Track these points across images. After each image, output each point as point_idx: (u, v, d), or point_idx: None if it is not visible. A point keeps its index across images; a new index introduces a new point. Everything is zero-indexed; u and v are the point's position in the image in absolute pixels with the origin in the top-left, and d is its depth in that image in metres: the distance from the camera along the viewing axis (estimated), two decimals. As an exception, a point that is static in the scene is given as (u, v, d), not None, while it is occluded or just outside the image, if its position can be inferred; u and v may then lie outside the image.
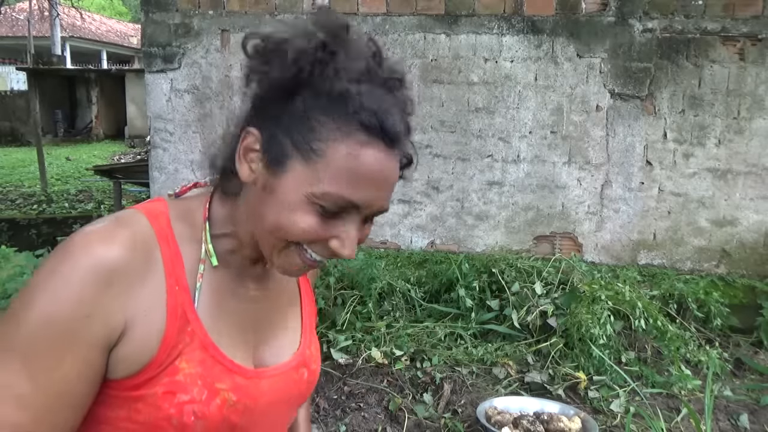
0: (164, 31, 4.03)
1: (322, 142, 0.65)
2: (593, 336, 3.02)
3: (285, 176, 0.67)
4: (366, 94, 0.66)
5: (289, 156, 0.67)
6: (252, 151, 0.70)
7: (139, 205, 0.75)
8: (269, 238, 0.71)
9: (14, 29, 20.16)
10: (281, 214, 0.68)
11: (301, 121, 0.66)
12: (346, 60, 0.68)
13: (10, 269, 2.95)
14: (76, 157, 13.03)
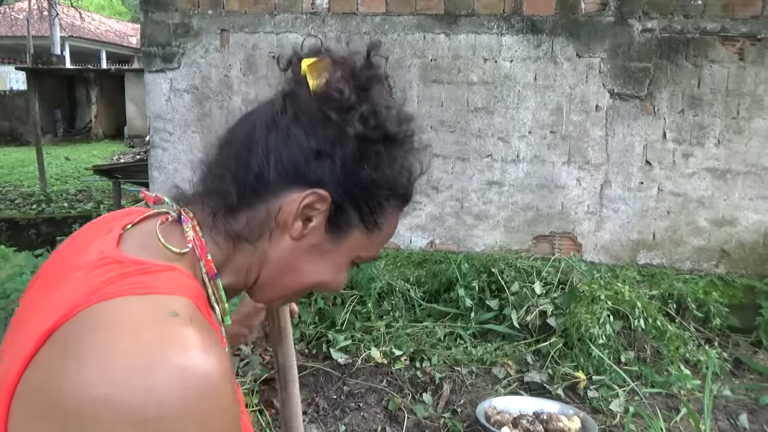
0: (164, 31, 4.03)
1: (385, 219, 0.71)
2: (592, 336, 3.02)
3: (343, 242, 0.70)
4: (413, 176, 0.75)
5: (353, 226, 0.69)
6: (313, 209, 0.66)
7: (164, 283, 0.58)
8: (297, 289, 0.72)
9: (13, 29, 20.14)
10: (328, 273, 0.71)
11: (372, 196, 0.69)
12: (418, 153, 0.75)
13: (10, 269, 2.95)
14: (75, 157, 13.02)
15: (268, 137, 0.67)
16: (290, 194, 0.65)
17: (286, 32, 3.96)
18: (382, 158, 0.68)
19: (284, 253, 0.68)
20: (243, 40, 4.00)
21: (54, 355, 0.52)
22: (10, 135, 16.28)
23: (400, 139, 0.71)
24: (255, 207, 0.66)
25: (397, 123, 0.71)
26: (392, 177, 0.70)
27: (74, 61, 20.77)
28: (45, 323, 0.54)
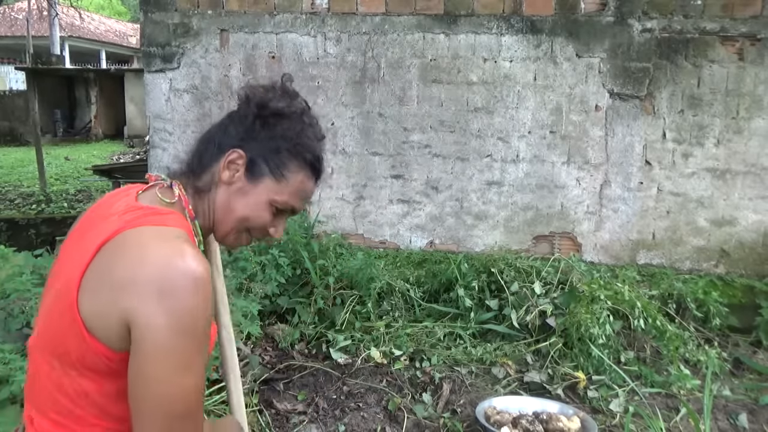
0: (163, 31, 4.03)
1: (288, 172, 1.06)
2: (592, 336, 3.02)
3: (258, 186, 1.05)
4: (316, 149, 1.10)
5: (264, 174, 1.05)
6: (235, 163, 1.04)
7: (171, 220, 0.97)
8: (233, 224, 1.06)
9: (13, 29, 20.12)
10: (250, 209, 1.05)
11: (278, 156, 1.06)
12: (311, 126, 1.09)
13: (9, 269, 2.94)
14: (75, 157, 13.02)
15: (216, 131, 1.10)
16: (223, 157, 1.04)
17: (286, 32, 3.96)
18: (276, 128, 1.06)
19: (222, 195, 1.05)
20: (243, 40, 4.00)
21: (107, 255, 0.89)
22: (9, 135, 16.28)
23: (286, 114, 1.06)
24: (207, 171, 1.05)
25: (287, 105, 1.07)
26: (288, 139, 1.06)
27: (74, 61, 20.76)
28: (95, 241, 0.90)
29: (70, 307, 0.88)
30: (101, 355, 0.88)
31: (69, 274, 0.90)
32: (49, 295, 0.97)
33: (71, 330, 0.88)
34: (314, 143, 1.09)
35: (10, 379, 2.15)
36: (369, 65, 3.96)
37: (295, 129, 1.06)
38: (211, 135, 1.09)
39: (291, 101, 1.08)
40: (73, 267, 0.90)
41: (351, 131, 4.02)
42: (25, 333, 2.59)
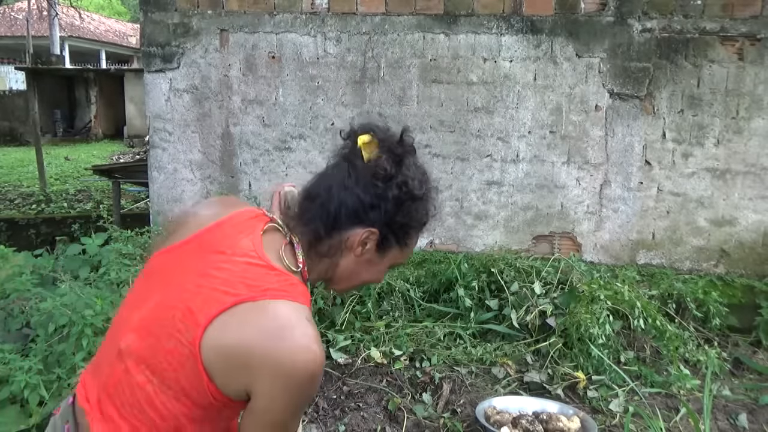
0: (163, 31, 4.03)
1: (410, 240, 1.15)
2: (592, 336, 3.02)
3: (385, 256, 1.14)
4: (430, 211, 1.14)
5: (392, 247, 1.13)
6: (368, 240, 1.09)
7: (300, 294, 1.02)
8: (356, 284, 1.19)
9: (13, 29, 20.11)
10: (375, 275, 1.17)
11: (404, 231, 1.12)
12: (433, 198, 1.14)
13: (9, 269, 2.94)
14: (74, 157, 13.02)
15: (340, 194, 1.07)
16: (354, 230, 1.07)
17: (286, 32, 3.96)
18: (410, 209, 1.09)
19: (350, 263, 1.12)
20: (242, 40, 4.00)
21: (236, 321, 0.93)
22: (9, 135, 16.28)
23: (422, 197, 1.10)
24: (333, 237, 1.08)
25: (420, 187, 1.09)
26: (417, 218, 1.12)
27: (74, 61, 20.75)
28: (225, 294, 0.95)
29: (191, 342, 0.93)
30: (210, 395, 0.96)
31: (191, 304, 0.96)
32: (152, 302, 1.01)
33: (188, 364, 0.94)
34: (433, 210, 1.16)
35: (10, 379, 2.15)
36: (369, 65, 3.96)
37: (424, 209, 1.12)
38: (334, 196, 1.07)
39: (424, 179, 1.11)
40: (197, 300, 0.96)
41: (351, 131, 4.01)
42: (24, 333, 2.59)
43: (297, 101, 4.01)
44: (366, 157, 1.07)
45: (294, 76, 4.00)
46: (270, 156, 4.10)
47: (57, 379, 2.21)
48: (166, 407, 0.97)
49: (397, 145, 1.08)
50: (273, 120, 4.06)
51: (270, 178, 4.12)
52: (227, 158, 4.13)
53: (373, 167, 1.06)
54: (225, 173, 4.14)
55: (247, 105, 4.06)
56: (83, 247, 3.21)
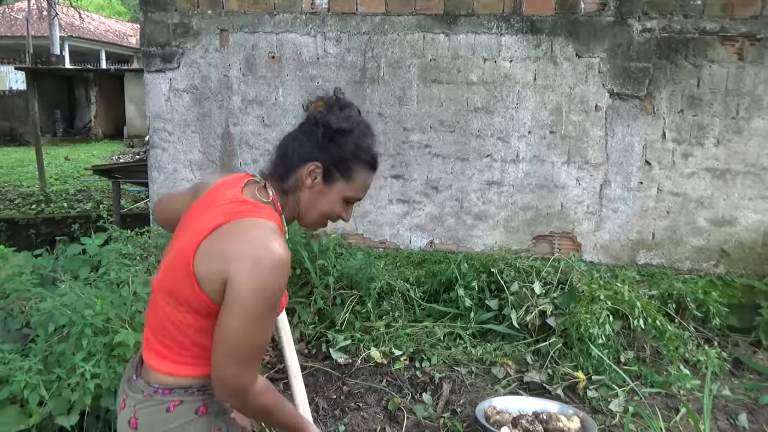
0: (163, 31, 4.03)
1: (355, 173, 1.36)
2: (592, 336, 3.03)
3: (333, 188, 1.36)
4: (372, 150, 1.38)
5: (337, 179, 1.35)
6: (314, 173, 1.34)
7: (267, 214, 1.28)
8: (316, 216, 1.39)
9: (13, 29, 20.10)
10: (329, 205, 1.37)
11: (346, 164, 1.35)
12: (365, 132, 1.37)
13: (9, 269, 2.94)
14: (74, 157, 13.01)
15: (291, 142, 1.39)
16: (305, 167, 1.34)
17: (286, 32, 3.96)
18: (339, 142, 1.33)
19: (306, 196, 1.36)
20: (242, 40, 4.00)
21: (219, 235, 1.22)
22: (9, 135, 16.27)
23: (346, 130, 1.33)
24: (291, 176, 1.35)
25: (341, 122, 1.32)
26: (350, 150, 1.34)
27: (73, 61, 20.75)
28: (211, 223, 1.24)
29: (186, 264, 1.22)
30: (203, 302, 1.22)
31: (189, 240, 1.25)
32: (172, 250, 1.33)
33: (186, 281, 1.22)
34: (370, 146, 1.37)
35: (10, 379, 2.15)
36: (369, 65, 3.96)
37: (354, 140, 1.34)
38: (288, 146, 1.38)
39: (348, 117, 1.34)
40: (193, 236, 1.25)
41: (351, 131, 4.01)
42: (24, 333, 2.59)
43: (297, 101, 4.01)
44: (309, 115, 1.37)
45: (294, 76, 4.00)
46: (270, 156, 4.09)
47: (57, 379, 2.20)
48: (180, 321, 1.26)
49: (331, 100, 1.36)
50: (273, 120, 4.06)
51: (270, 178, 4.11)
52: (227, 158, 4.13)
53: (309, 117, 1.36)
54: (225, 173, 4.13)
55: (247, 105, 4.06)
56: (83, 247, 3.21)
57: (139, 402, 1.30)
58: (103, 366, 2.22)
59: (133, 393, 1.32)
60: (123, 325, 2.36)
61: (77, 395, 2.16)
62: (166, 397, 1.28)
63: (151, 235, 3.60)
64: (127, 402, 1.33)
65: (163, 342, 1.29)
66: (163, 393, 1.28)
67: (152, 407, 1.29)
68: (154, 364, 1.31)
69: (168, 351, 1.29)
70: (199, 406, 1.30)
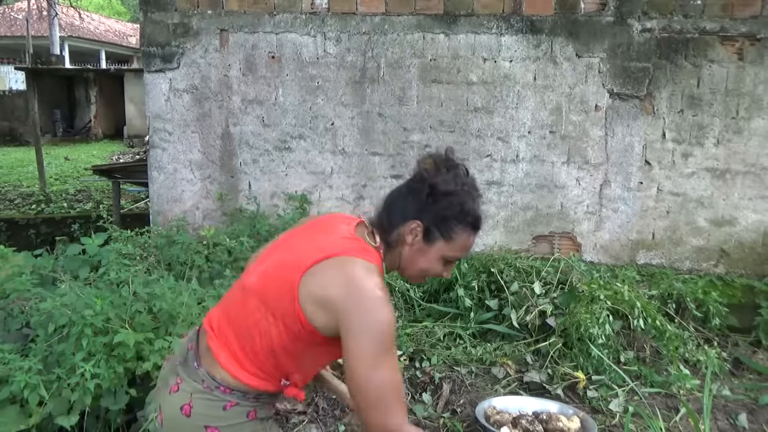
0: (163, 31, 4.03)
1: (455, 234, 1.39)
2: (592, 335, 3.02)
3: (432, 247, 1.40)
4: (476, 211, 1.40)
5: (437, 238, 1.39)
6: (415, 231, 1.38)
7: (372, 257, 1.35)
8: (416, 272, 1.45)
9: (13, 29, 20.09)
10: (428, 264, 1.42)
11: (448, 225, 1.38)
12: (470, 194, 1.39)
13: (9, 269, 2.94)
14: (74, 157, 13.01)
15: (397, 197, 1.44)
16: (406, 224, 1.39)
17: (286, 32, 3.96)
18: (443, 204, 1.37)
19: (407, 252, 1.42)
20: (242, 40, 4.00)
21: (330, 265, 1.29)
22: (9, 135, 16.27)
23: (452, 192, 1.36)
24: (395, 231, 1.41)
25: (448, 184, 1.36)
26: (453, 212, 1.37)
27: (73, 61, 20.74)
28: (324, 251, 1.31)
29: (292, 283, 1.29)
30: (298, 321, 1.28)
31: (297, 259, 1.32)
32: (273, 258, 1.41)
33: (288, 297, 1.29)
34: (474, 207, 1.40)
35: (10, 379, 2.15)
36: (369, 65, 3.96)
37: (459, 202, 1.37)
38: (394, 200, 1.44)
39: (455, 180, 1.38)
40: (302, 256, 1.33)
41: (351, 131, 4.02)
42: (24, 333, 2.59)
43: (297, 101, 4.01)
44: (418, 172, 1.42)
45: (294, 76, 4.00)
46: (270, 156, 4.10)
47: (57, 379, 2.20)
48: (266, 330, 1.32)
49: (440, 160, 1.40)
50: (273, 120, 4.06)
51: (270, 178, 4.12)
52: (227, 158, 4.13)
53: (417, 175, 1.40)
54: (225, 173, 4.14)
55: (247, 105, 4.06)
56: (83, 247, 3.21)
57: (197, 392, 1.35)
58: (103, 366, 2.22)
59: (192, 380, 1.36)
60: (123, 325, 2.36)
61: (77, 395, 2.16)
62: (226, 396, 1.34)
63: (151, 235, 3.60)
64: (181, 387, 1.37)
65: (244, 348, 1.35)
66: (223, 391, 1.34)
67: (210, 401, 1.34)
68: (225, 363, 1.35)
69: (244, 357, 1.35)
70: (250, 411, 1.37)
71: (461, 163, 1.42)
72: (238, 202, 4.13)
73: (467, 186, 1.39)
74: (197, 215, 4.16)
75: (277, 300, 1.31)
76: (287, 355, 1.33)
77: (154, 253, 3.38)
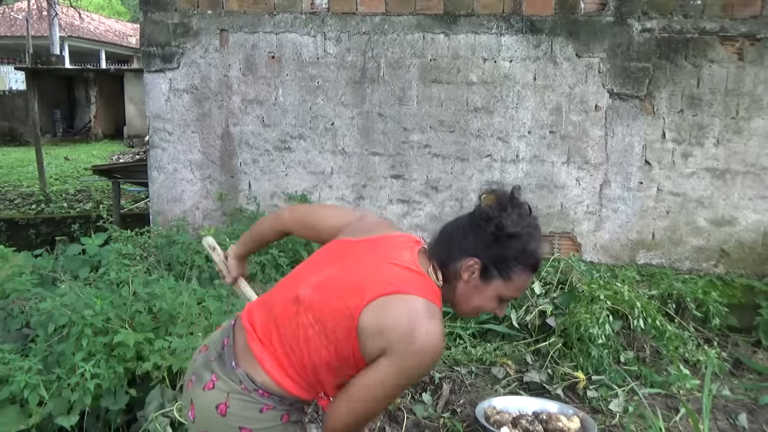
0: (163, 31, 4.03)
1: (514, 275, 1.36)
2: (592, 335, 3.02)
3: (489, 285, 1.37)
4: (537, 254, 1.38)
5: (495, 277, 1.36)
6: (472, 268, 1.36)
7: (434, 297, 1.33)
8: (470, 309, 1.42)
9: (13, 29, 20.09)
10: (483, 302, 1.40)
11: (507, 265, 1.35)
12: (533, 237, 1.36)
13: (9, 269, 2.94)
14: (74, 157, 13.01)
15: (456, 232, 1.41)
16: (464, 260, 1.36)
17: (286, 32, 3.96)
18: (505, 244, 1.34)
19: (462, 288, 1.39)
20: (242, 40, 4.00)
21: (396, 301, 1.27)
22: (9, 135, 16.27)
23: (516, 234, 1.33)
24: (452, 265, 1.38)
25: (512, 226, 1.33)
26: (514, 253, 1.34)
27: (73, 61, 20.74)
28: (390, 284, 1.29)
29: (353, 312, 1.27)
30: (351, 349, 1.29)
31: (360, 285, 1.31)
32: (331, 271, 1.38)
33: (345, 324, 1.28)
34: (536, 250, 1.37)
35: (10, 379, 2.15)
36: (369, 65, 3.96)
37: (521, 244, 1.34)
38: (452, 234, 1.41)
39: (521, 222, 1.34)
40: (365, 284, 1.31)
41: (351, 131, 4.02)
42: (24, 333, 2.59)
43: (297, 101, 4.01)
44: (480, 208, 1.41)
45: (294, 76, 4.00)
46: (270, 156, 4.10)
47: (57, 379, 2.20)
48: (317, 348, 1.31)
49: (505, 198, 1.37)
50: (273, 120, 4.06)
51: (270, 178, 4.12)
52: (227, 158, 4.13)
53: (481, 212, 1.37)
54: (225, 173, 4.14)
55: (247, 105, 4.06)
56: (83, 247, 3.21)
57: (235, 392, 1.34)
58: (102, 366, 2.22)
59: (230, 379, 1.35)
60: (123, 325, 2.36)
61: (77, 395, 2.16)
62: (264, 399, 1.34)
63: (151, 235, 3.60)
64: (217, 385, 1.36)
65: (290, 356, 1.34)
66: (262, 395, 1.34)
67: (247, 403, 1.34)
68: (269, 367, 1.35)
69: (288, 365, 1.34)
70: (284, 414, 1.37)
71: (525, 202, 1.39)
72: (238, 202, 4.13)
73: (531, 227, 1.36)
74: (197, 215, 4.16)
75: (333, 324, 1.30)
76: (330, 371, 1.33)
77: (154, 253, 3.38)
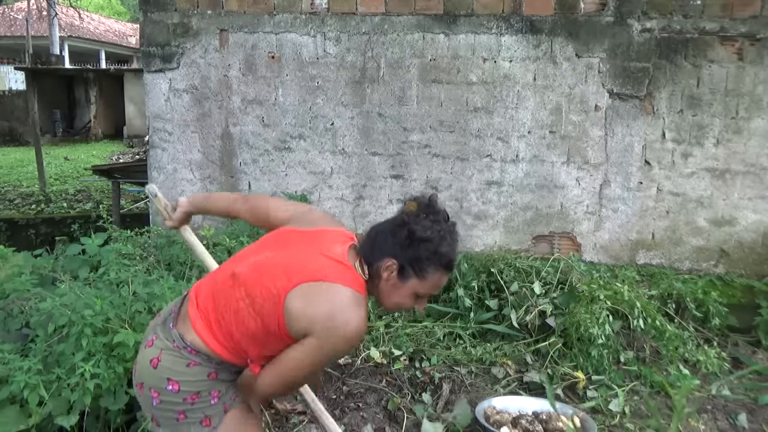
0: (163, 31, 4.03)
1: (428, 274, 1.52)
2: (592, 336, 3.03)
3: (406, 284, 1.53)
4: (450, 255, 1.53)
5: (410, 276, 1.52)
6: (390, 268, 1.51)
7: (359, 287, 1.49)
8: (390, 305, 1.58)
9: (12, 29, 20.08)
10: (401, 298, 1.56)
11: (421, 265, 1.51)
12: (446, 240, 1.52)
13: (9, 269, 2.94)
14: (74, 157, 13.00)
15: (379, 234, 1.56)
16: (384, 260, 1.52)
17: (286, 32, 3.96)
18: (418, 247, 1.50)
19: (383, 285, 1.54)
20: (242, 40, 4.00)
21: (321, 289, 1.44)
22: (9, 135, 16.25)
23: (427, 238, 1.50)
24: (374, 264, 1.53)
25: (427, 230, 1.50)
26: (426, 255, 1.50)
27: (73, 61, 20.73)
28: (318, 272, 1.46)
29: (279, 293, 1.44)
30: (277, 324, 1.44)
31: (289, 270, 1.47)
32: (267, 254, 1.55)
33: (272, 301, 1.44)
34: (448, 250, 1.52)
35: (10, 379, 2.15)
36: (369, 65, 3.96)
37: (433, 247, 1.50)
38: (376, 237, 1.56)
39: (433, 227, 1.51)
40: (295, 269, 1.47)
41: (351, 131, 4.02)
42: (24, 333, 2.59)
43: (297, 101, 4.01)
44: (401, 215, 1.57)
45: (294, 76, 4.00)
46: (270, 156, 4.10)
47: (57, 379, 2.20)
48: (245, 319, 1.48)
49: (423, 205, 1.55)
50: (273, 120, 4.06)
51: (269, 178, 4.12)
52: (227, 158, 4.13)
53: (398, 218, 1.55)
54: (225, 173, 4.14)
55: (247, 105, 4.06)
56: (83, 247, 3.21)
57: (167, 348, 1.53)
58: (102, 366, 2.22)
59: (165, 339, 1.54)
60: (123, 325, 2.36)
61: (77, 395, 2.16)
62: (191, 356, 1.51)
63: (150, 235, 3.60)
64: (155, 343, 1.55)
65: (220, 323, 1.51)
66: (190, 352, 1.51)
67: (176, 358, 1.52)
68: (199, 329, 1.52)
69: (218, 330, 1.51)
70: (211, 372, 1.54)
71: (442, 210, 1.55)
72: (237, 202, 4.13)
73: (443, 231, 1.52)
74: (197, 215, 4.16)
75: (262, 300, 1.45)
76: (255, 342, 1.49)
77: (153, 253, 3.38)
